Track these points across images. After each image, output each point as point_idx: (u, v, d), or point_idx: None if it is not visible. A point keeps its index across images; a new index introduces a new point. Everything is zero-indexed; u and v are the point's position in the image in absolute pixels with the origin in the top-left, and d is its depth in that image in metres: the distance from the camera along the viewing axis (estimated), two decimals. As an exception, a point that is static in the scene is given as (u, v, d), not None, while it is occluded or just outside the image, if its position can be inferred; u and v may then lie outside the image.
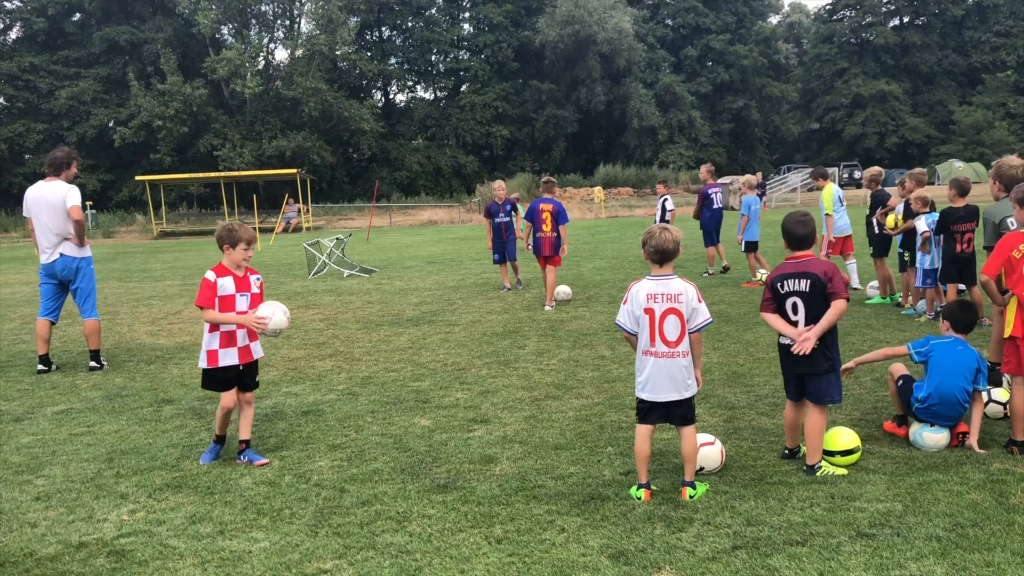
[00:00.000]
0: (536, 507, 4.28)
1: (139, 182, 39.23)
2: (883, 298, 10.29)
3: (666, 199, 14.26)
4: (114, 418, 6.30)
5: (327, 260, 16.42)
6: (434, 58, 59.56)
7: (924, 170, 10.33)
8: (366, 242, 25.61)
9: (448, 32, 58.25)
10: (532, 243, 11.14)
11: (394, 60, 59.07)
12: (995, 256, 5.04)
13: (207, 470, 5.05)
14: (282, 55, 58.22)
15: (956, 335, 5.21)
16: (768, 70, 66.17)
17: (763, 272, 12.36)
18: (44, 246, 7.82)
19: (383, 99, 61.52)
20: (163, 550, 3.95)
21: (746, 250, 12.83)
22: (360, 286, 14.06)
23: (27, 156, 48.09)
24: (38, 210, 7.76)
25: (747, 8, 65.14)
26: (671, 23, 65.20)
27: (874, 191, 10.70)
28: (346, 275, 15.64)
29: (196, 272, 17.90)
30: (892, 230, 9.78)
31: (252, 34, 52.49)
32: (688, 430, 4.41)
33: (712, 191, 13.93)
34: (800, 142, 72.87)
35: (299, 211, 37.11)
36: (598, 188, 41.92)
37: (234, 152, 47.25)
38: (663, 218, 13.99)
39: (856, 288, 11.38)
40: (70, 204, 7.70)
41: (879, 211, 10.32)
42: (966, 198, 8.16)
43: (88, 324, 8.00)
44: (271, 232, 32.21)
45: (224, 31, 52.38)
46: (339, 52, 50.48)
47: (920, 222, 8.86)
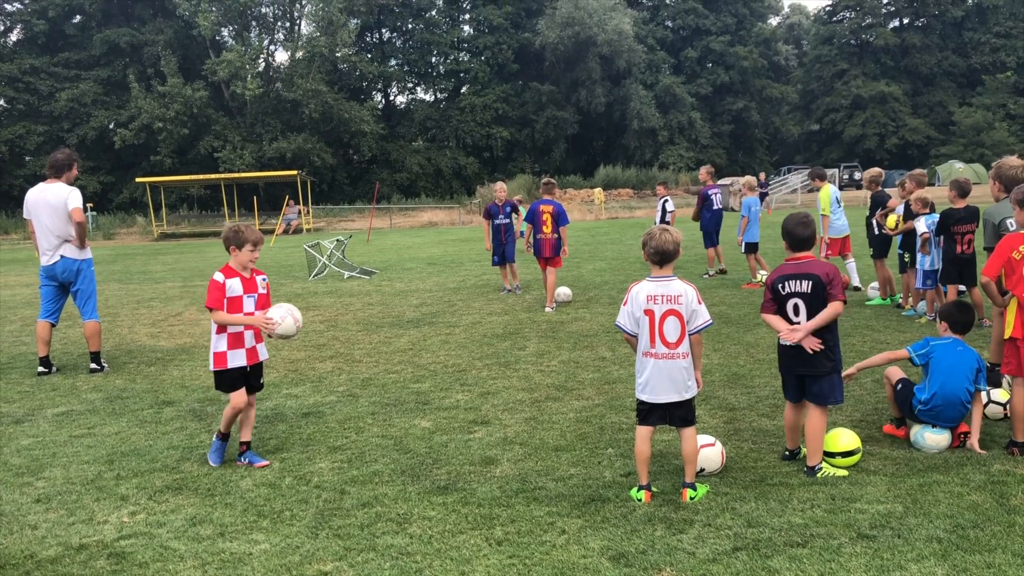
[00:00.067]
0: (536, 509, 4.28)
1: (139, 184, 39.24)
2: (883, 299, 10.30)
3: (666, 200, 14.27)
4: (114, 420, 6.30)
5: (327, 262, 16.43)
6: (434, 60, 59.62)
7: (924, 171, 10.33)
8: (366, 244, 25.62)
9: (448, 34, 58.32)
10: (532, 245, 11.14)
11: (394, 62, 59.11)
12: (995, 257, 5.04)
13: (207, 472, 5.05)
14: (282, 57, 58.22)
15: (954, 336, 5.22)
16: (768, 71, 66.23)
17: (763, 273, 12.36)
18: (44, 248, 7.82)
19: (383, 101, 61.59)
20: (163, 552, 3.95)
21: (746, 251, 12.83)
22: (360, 288, 14.06)
23: (27, 158, 48.13)
24: (39, 212, 7.76)
25: (747, 9, 65.23)
26: (671, 25, 65.30)
27: (874, 192, 10.72)
28: (346, 277, 15.64)
29: (196, 274, 17.91)
30: (892, 230, 9.80)
31: (252, 36, 52.57)
32: (688, 431, 4.41)
33: (712, 192, 13.95)
34: (800, 143, 72.89)
35: (299, 213, 37.11)
36: (598, 189, 41.92)
37: (234, 154, 47.30)
38: (663, 219, 14.00)
39: (857, 287, 11.40)
40: (71, 206, 7.70)
41: (879, 212, 10.33)
42: (966, 199, 8.16)
43: (88, 326, 8.01)
44: (271, 234, 32.20)
45: (224, 33, 52.45)
46: (339, 54, 50.52)
47: (920, 223, 8.86)
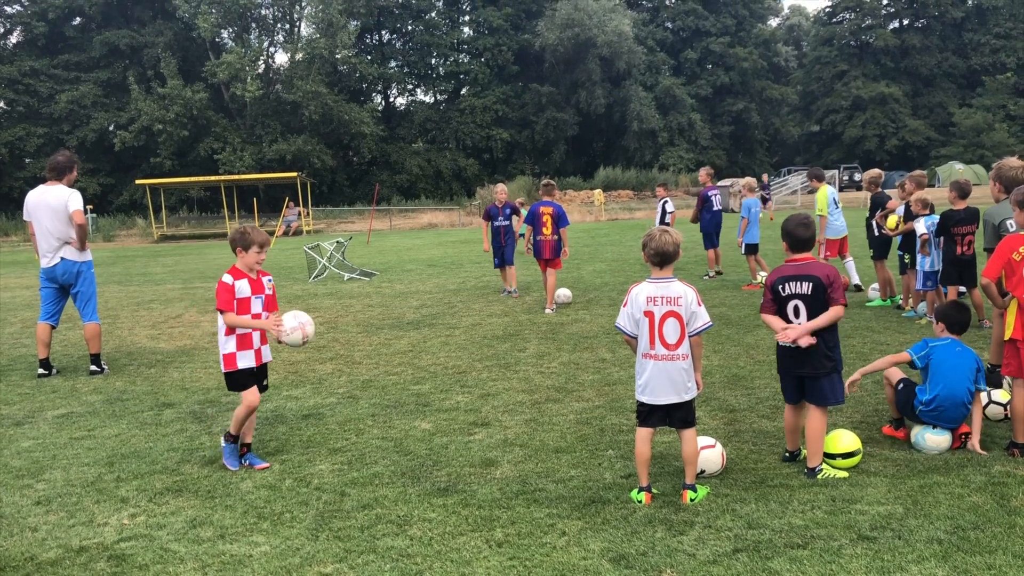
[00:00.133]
0: (537, 510, 4.27)
1: (139, 186, 39.24)
2: (883, 300, 10.30)
3: (666, 201, 14.28)
4: (114, 422, 6.30)
5: (327, 263, 16.43)
6: (434, 61, 59.63)
7: (924, 172, 10.34)
8: (366, 245, 25.62)
9: (448, 35, 58.33)
10: (532, 246, 11.14)
11: (394, 63, 59.11)
12: (995, 258, 5.04)
13: (207, 474, 5.04)
14: (282, 59, 58.18)
15: (952, 336, 5.22)
16: (768, 73, 66.26)
17: (763, 275, 12.36)
18: (45, 250, 7.82)
19: (383, 102, 61.56)
20: (163, 554, 3.95)
21: (746, 252, 12.84)
22: (360, 289, 14.06)
23: (27, 160, 48.12)
24: (39, 214, 7.76)
25: (747, 11, 65.26)
26: (671, 26, 65.32)
27: (874, 193, 10.73)
28: (346, 278, 15.64)
29: (197, 276, 17.92)
30: (892, 231, 9.80)
31: (252, 38, 52.54)
32: (688, 433, 4.41)
33: (712, 194, 13.97)
34: (800, 144, 72.92)
35: (299, 214, 37.11)
36: (598, 191, 41.90)
37: (234, 156, 47.29)
38: (663, 221, 14.00)
39: (858, 286, 11.42)
40: (72, 208, 7.70)
41: (879, 214, 10.34)
42: (966, 200, 8.16)
43: (88, 328, 8.01)
44: (271, 236, 32.22)
45: (224, 35, 52.41)
46: (339, 56, 50.51)
47: (919, 224, 8.86)
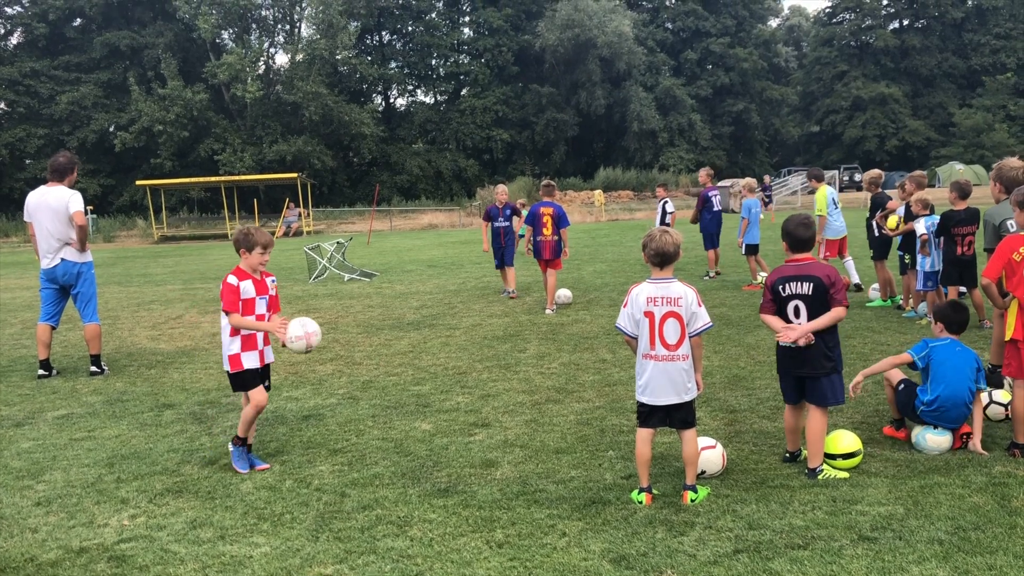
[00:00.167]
0: (537, 511, 4.27)
1: (140, 187, 39.25)
2: (884, 301, 10.30)
3: (666, 202, 14.28)
4: (115, 423, 6.30)
5: (328, 264, 16.43)
6: (434, 62, 59.65)
7: (924, 173, 10.34)
8: (367, 246, 25.62)
9: (448, 36, 58.35)
10: (532, 247, 11.13)
11: (394, 64, 59.14)
12: (995, 259, 5.04)
13: (207, 475, 5.04)
14: (282, 59, 58.15)
15: (950, 336, 5.21)
16: (768, 73, 66.27)
17: (763, 275, 12.36)
18: (45, 251, 7.82)
19: (383, 103, 61.59)
20: (164, 555, 3.95)
21: (747, 253, 12.84)
22: (361, 290, 14.06)
23: (28, 161, 48.15)
24: (40, 215, 7.76)
25: (747, 11, 65.28)
26: (671, 27, 65.33)
27: (874, 194, 10.73)
28: (347, 279, 15.64)
29: (197, 277, 17.91)
30: (893, 231, 9.80)
31: (252, 39, 52.55)
32: (689, 434, 4.41)
33: (712, 194, 13.97)
34: (800, 145, 72.93)
35: (300, 215, 37.13)
36: (598, 191, 41.91)
37: (235, 156, 47.30)
38: (663, 221, 14.01)
39: (858, 285, 11.43)
40: (73, 210, 7.70)
41: (879, 214, 10.34)
42: (967, 201, 8.16)
43: (89, 329, 8.01)
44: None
45: (224, 36, 52.42)
46: (339, 56, 50.53)
47: (919, 225, 8.85)
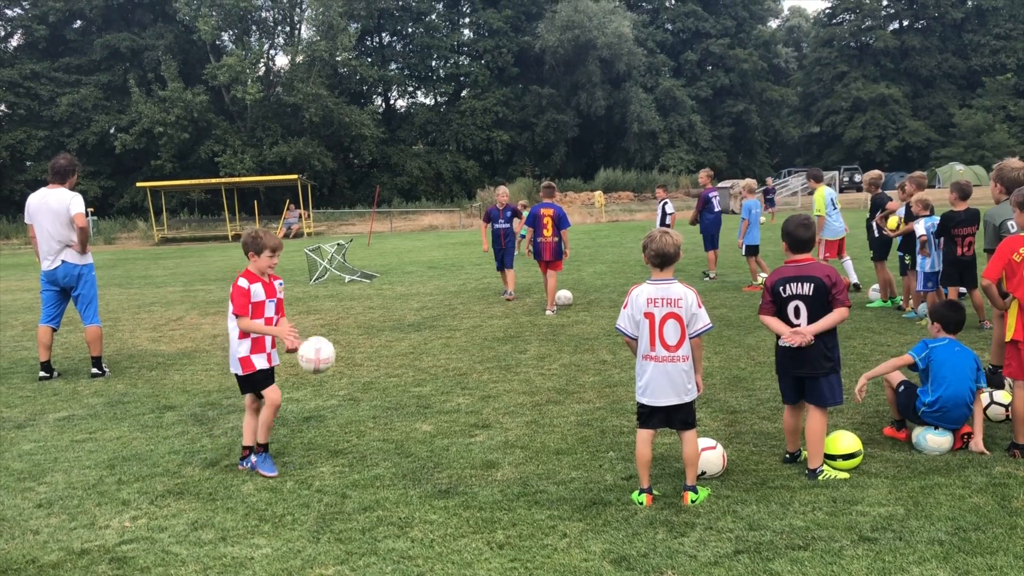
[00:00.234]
0: (538, 512, 4.28)
1: (140, 188, 39.23)
2: (884, 301, 10.30)
3: (666, 203, 14.28)
4: (116, 424, 6.30)
5: (328, 266, 16.44)
6: (434, 63, 59.66)
7: (924, 173, 10.35)
8: (367, 247, 25.63)
9: (448, 38, 58.35)
10: (533, 248, 11.13)
11: (394, 66, 59.16)
12: (996, 259, 5.04)
13: (208, 476, 5.05)
14: (283, 61, 58.33)
15: (948, 336, 5.21)
16: (768, 74, 66.28)
17: (764, 276, 12.37)
18: (46, 253, 7.82)
19: (384, 105, 61.62)
20: (165, 557, 3.95)
21: (747, 254, 12.85)
22: (361, 291, 14.06)
23: (28, 163, 48.15)
24: (41, 217, 7.76)
25: (747, 12, 65.31)
26: (671, 28, 65.34)
27: (874, 194, 10.73)
28: (347, 280, 15.65)
29: (197, 278, 17.92)
30: (893, 231, 9.81)
31: (253, 40, 52.58)
32: (689, 434, 4.41)
33: (712, 195, 13.98)
34: (800, 146, 72.93)
35: (300, 217, 37.13)
36: (598, 192, 41.91)
37: (235, 158, 47.31)
38: (663, 222, 14.02)
39: (857, 285, 11.45)
40: (74, 212, 7.71)
41: (879, 214, 10.34)
42: (967, 201, 8.16)
43: (90, 331, 8.01)
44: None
45: (224, 37, 52.45)
46: (339, 58, 50.56)
47: (919, 225, 8.86)
